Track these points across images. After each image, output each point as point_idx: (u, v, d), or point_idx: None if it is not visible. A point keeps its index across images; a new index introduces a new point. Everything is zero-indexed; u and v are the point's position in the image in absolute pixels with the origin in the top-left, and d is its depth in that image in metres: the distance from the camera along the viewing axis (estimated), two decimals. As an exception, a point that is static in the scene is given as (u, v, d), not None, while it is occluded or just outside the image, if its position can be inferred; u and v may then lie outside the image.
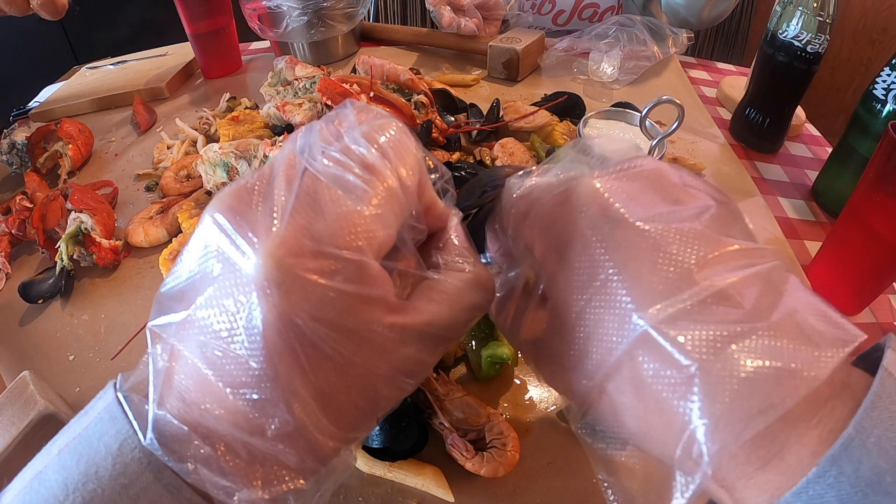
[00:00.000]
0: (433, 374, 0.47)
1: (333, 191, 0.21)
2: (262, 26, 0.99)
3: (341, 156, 0.22)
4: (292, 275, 0.19)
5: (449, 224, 0.29)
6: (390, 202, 0.22)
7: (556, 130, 0.75)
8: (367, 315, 0.21)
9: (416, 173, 0.24)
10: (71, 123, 0.82)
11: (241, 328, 0.20)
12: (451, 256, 0.27)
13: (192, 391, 0.21)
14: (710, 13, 1.04)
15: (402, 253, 0.25)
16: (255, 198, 0.21)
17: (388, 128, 0.24)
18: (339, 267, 0.20)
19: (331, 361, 0.21)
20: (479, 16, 1.03)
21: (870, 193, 0.52)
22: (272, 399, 0.20)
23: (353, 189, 0.22)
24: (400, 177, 0.23)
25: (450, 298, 0.25)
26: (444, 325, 0.24)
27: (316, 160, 0.22)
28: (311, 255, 0.20)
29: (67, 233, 0.62)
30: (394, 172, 0.23)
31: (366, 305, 0.21)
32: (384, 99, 0.65)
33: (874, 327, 0.57)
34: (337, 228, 0.21)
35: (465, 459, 0.42)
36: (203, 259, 0.21)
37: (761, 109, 0.80)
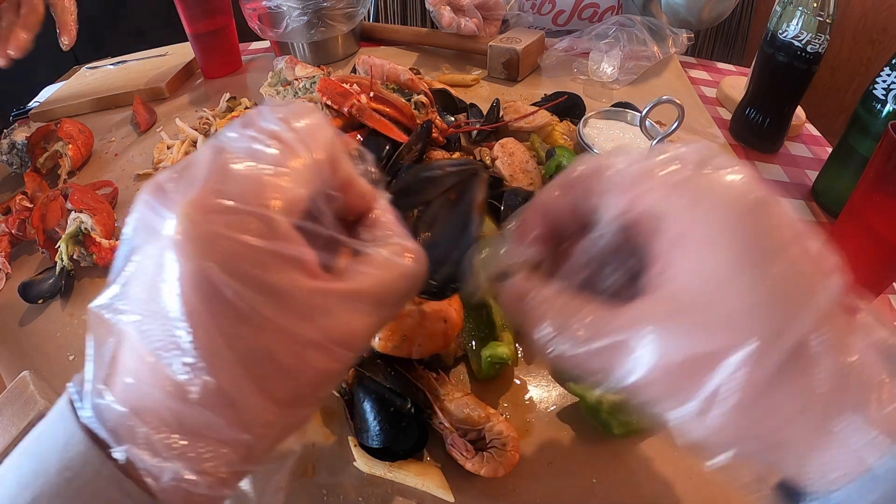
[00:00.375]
0: (433, 374, 0.47)
1: (244, 158, 0.23)
2: (262, 26, 0.99)
3: (254, 132, 0.24)
4: (202, 229, 0.21)
5: (376, 204, 0.29)
6: (298, 166, 0.24)
7: (556, 130, 0.75)
8: (283, 274, 0.22)
9: (326, 147, 0.25)
10: (71, 123, 0.82)
11: (162, 288, 0.20)
12: (379, 231, 0.28)
13: (132, 369, 0.21)
14: (710, 13, 1.04)
15: (322, 222, 0.25)
16: (177, 176, 0.23)
17: (299, 109, 0.26)
18: (247, 221, 0.21)
19: (251, 323, 0.21)
20: (479, 16, 1.03)
21: (870, 193, 0.52)
22: (195, 360, 0.20)
23: (262, 156, 0.23)
24: (309, 146, 0.24)
25: (378, 268, 0.25)
26: (375, 295, 0.25)
27: (231, 139, 0.24)
28: (220, 211, 0.21)
29: (67, 233, 0.62)
30: (302, 142, 0.24)
31: (280, 262, 0.22)
32: (384, 99, 0.65)
33: (874, 327, 0.57)
34: (244, 187, 0.22)
35: (465, 459, 0.42)
36: (133, 234, 0.23)
37: (761, 109, 0.80)
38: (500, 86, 0.97)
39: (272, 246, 0.21)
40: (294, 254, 0.22)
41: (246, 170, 0.22)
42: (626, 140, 0.67)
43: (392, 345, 0.44)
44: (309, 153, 0.24)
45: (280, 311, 0.21)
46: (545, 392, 0.50)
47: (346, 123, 0.64)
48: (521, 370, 0.52)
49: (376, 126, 0.63)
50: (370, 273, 0.25)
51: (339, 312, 0.23)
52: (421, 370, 0.47)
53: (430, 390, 0.45)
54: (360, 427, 0.43)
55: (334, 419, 0.48)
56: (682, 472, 0.44)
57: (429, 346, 0.45)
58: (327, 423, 0.48)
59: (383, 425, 0.42)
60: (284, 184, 0.23)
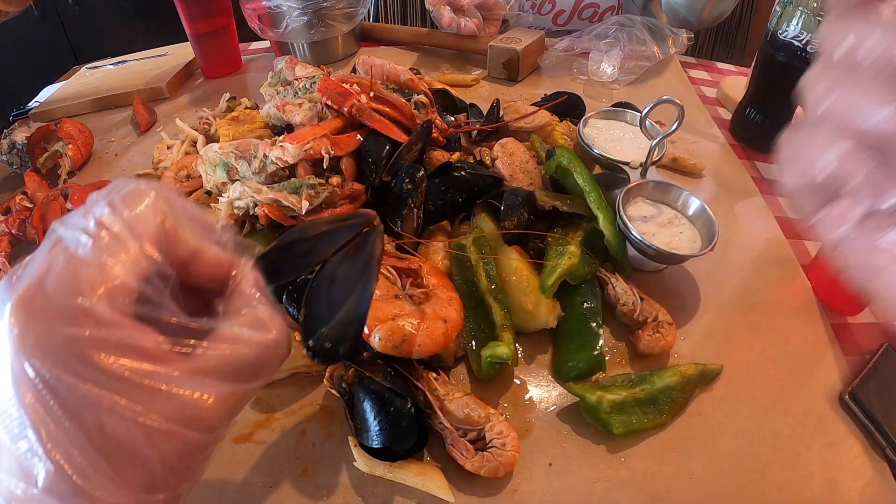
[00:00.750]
0: (433, 374, 0.47)
1: (67, 249, 0.24)
2: (262, 26, 0.99)
3: (81, 218, 0.25)
4: (28, 325, 0.22)
5: (235, 272, 0.29)
6: (123, 255, 0.24)
7: (556, 130, 0.75)
8: (113, 361, 0.22)
9: (156, 231, 0.26)
10: (71, 123, 0.82)
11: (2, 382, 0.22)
12: (235, 302, 0.28)
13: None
14: (711, 13, 1.04)
15: (161, 303, 0.26)
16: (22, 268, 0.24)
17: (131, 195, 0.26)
18: (70, 314, 0.22)
19: (88, 412, 0.22)
20: (479, 16, 1.03)
21: (870, 193, 0.52)
22: (34, 446, 0.21)
23: (89, 247, 0.24)
24: (135, 233, 0.25)
25: (225, 344, 0.26)
26: (223, 372, 0.25)
27: (65, 227, 0.25)
28: (43, 306, 0.22)
29: (67, 233, 0.62)
30: (128, 229, 0.25)
31: (108, 350, 0.22)
32: (384, 99, 0.65)
33: (874, 327, 0.57)
34: (68, 280, 0.23)
35: (465, 459, 0.42)
36: None
37: (761, 109, 0.80)
38: (500, 86, 0.97)
39: (99, 335, 0.22)
40: (123, 340, 0.23)
41: (66, 261, 0.23)
42: (626, 140, 0.67)
43: (392, 345, 0.44)
44: (135, 240, 0.25)
45: (115, 398, 0.22)
46: (545, 392, 0.50)
47: (346, 123, 0.64)
48: (521, 370, 0.52)
49: (376, 126, 0.63)
50: (216, 350, 0.25)
51: (182, 393, 0.24)
52: (421, 370, 0.47)
53: (430, 390, 0.45)
54: (360, 427, 0.43)
55: (334, 419, 0.48)
56: (682, 472, 0.45)
57: (429, 346, 0.45)
58: (327, 423, 0.48)
59: (383, 425, 0.42)
60: (110, 273, 0.23)
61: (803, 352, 0.54)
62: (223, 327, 0.26)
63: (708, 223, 0.56)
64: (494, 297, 0.52)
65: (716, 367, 0.51)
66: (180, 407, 0.23)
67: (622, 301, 0.54)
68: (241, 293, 0.29)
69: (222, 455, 0.45)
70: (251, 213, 0.57)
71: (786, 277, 0.62)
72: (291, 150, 0.58)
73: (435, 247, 0.57)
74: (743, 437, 0.47)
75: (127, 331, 0.23)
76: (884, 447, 0.46)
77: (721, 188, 0.74)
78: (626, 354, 0.53)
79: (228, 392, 0.25)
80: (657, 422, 0.47)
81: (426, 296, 0.49)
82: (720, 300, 0.58)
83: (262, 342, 0.27)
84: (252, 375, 0.27)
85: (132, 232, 0.25)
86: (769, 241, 0.66)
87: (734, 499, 0.43)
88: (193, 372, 0.24)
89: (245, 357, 0.26)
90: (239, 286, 0.29)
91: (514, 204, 0.56)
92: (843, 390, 0.50)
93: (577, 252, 0.54)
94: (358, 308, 0.35)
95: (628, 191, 0.58)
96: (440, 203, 0.59)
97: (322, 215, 0.36)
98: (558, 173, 0.62)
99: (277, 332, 0.28)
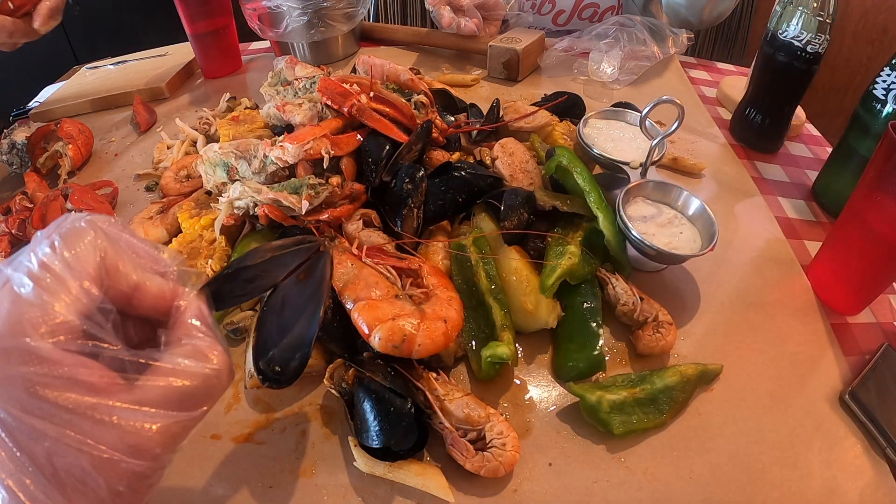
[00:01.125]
0: (433, 374, 0.47)
1: (13, 290, 0.25)
2: (262, 26, 0.99)
3: (26, 258, 0.26)
4: None
5: (178, 302, 0.31)
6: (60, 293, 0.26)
7: (556, 130, 0.75)
8: (56, 395, 0.24)
9: (94, 269, 0.27)
10: (71, 123, 0.82)
11: None
12: (177, 332, 0.30)
13: None
14: (711, 13, 1.04)
15: (104, 337, 0.27)
16: None
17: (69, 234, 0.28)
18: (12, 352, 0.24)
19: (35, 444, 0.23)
20: (479, 16, 1.03)
21: (870, 193, 0.52)
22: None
23: (27, 286, 0.25)
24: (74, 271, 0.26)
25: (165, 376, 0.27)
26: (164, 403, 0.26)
27: (12, 267, 0.26)
28: None
29: (67, 233, 0.61)
30: (68, 268, 0.26)
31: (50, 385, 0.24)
32: (384, 99, 0.65)
33: (874, 327, 0.57)
34: (9, 321, 0.24)
35: (465, 459, 0.42)
36: None
37: (761, 109, 0.80)
38: (500, 86, 0.97)
39: (44, 371, 0.24)
40: (67, 375, 0.24)
41: (16, 304, 0.25)
42: (626, 140, 0.67)
43: (392, 345, 0.44)
44: (75, 279, 0.26)
45: (62, 431, 0.24)
46: (545, 392, 0.50)
47: (346, 123, 0.64)
48: (521, 370, 0.52)
49: (376, 126, 0.63)
50: (157, 382, 0.27)
51: (125, 424, 0.25)
52: (421, 370, 0.47)
53: (430, 390, 0.45)
54: (360, 427, 0.43)
55: (334, 419, 0.48)
56: (682, 472, 0.45)
57: (429, 346, 0.45)
58: (327, 423, 0.48)
59: (383, 425, 0.42)
60: (51, 313, 0.25)
61: (803, 352, 0.54)
62: (164, 359, 0.28)
63: (708, 223, 0.56)
64: (494, 297, 0.52)
65: (716, 367, 0.51)
66: (124, 437, 0.25)
67: (622, 301, 0.54)
68: (182, 323, 0.30)
69: (222, 455, 0.45)
70: (251, 213, 0.57)
71: (786, 277, 0.62)
72: (291, 150, 0.58)
73: (435, 247, 0.57)
74: (743, 437, 0.47)
75: (71, 366, 0.25)
76: (884, 447, 0.46)
77: (721, 188, 0.74)
78: (626, 354, 0.53)
79: (171, 421, 0.27)
80: (657, 422, 0.47)
81: (426, 296, 0.49)
82: (720, 300, 0.59)
83: (201, 373, 0.28)
84: (194, 404, 0.28)
85: (72, 271, 0.26)
86: (769, 241, 0.66)
87: (734, 498, 0.43)
88: (136, 403, 0.26)
89: (185, 388, 0.27)
90: (181, 316, 0.30)
91: (514, 204, 0.56)
92: (843, 390, 0.50)
93: (577, 252, 0.54)
94: (307, 332, 0.36)
95: (628, 191, 0.58)
96: (440, 203, 0.59)
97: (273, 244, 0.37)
98: (558, 173, 0.62)
99: (218, 361, 0.29)
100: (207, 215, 0.62)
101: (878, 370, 0.52)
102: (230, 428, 0.47)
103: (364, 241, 0.55)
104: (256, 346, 0.37)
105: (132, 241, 0.31)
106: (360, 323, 0.45)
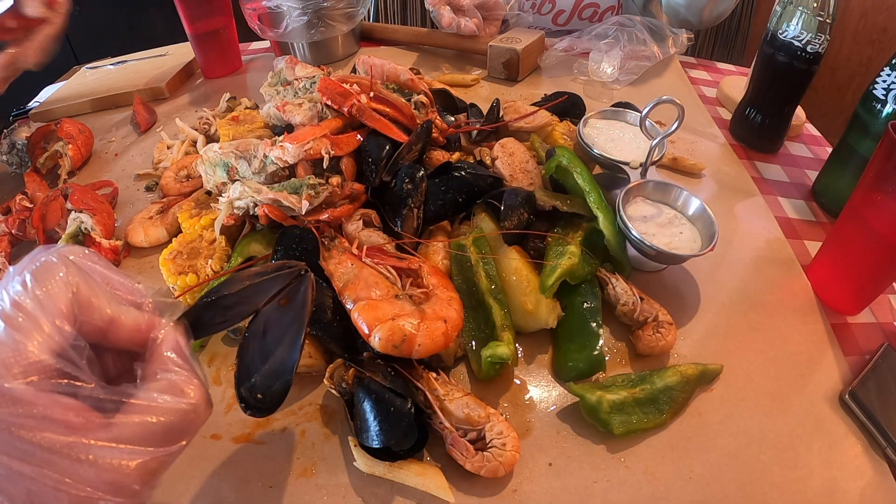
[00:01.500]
0: (433, 374, 0.47)
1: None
2: (262, 26, 0.99)
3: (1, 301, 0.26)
4: None
5: (154, 334, 0.30)
6: (33, 332, 0.25)
7: (556, 130, 0.75)
8: (33, 435, 0.24)
9: (66, 301, 0.27)
10: (71, 123, 0.82)
11: None
12: (153, 366, 0.29)
13: None
14: (711, 13, 1.04)
15: (78, 375, 0.27)
16: None
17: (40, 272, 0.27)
18: None
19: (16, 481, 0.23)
20: (479, 16, 1.03)
21: (870, 193, 0.52)
22: None
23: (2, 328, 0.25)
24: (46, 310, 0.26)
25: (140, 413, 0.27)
26: (140, 439, 0.26)
27: None
28: None
29: (67, 233, 0.62)
30: (39, 307, 0.26)
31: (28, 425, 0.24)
32: (384, 99, 0.65)
33: (874, 327, 0.57)
34: None
35: (465, 459, 0.42)
36: None
37: (761, 109, 0.80)
38: (500, 86, 0.97)
39: (19, 412, 0.24)
40: (43, 415, 0.24)
41: None
42: (626, 140, 0.67)
43: (392, 345, 0.44)
44: (47, 318, 0.26)
45: (40, 470, 0.24)
46: (545, 392, 0.50)
47: (346, 123, 0.64)
48: (521, 370, 0.52)
49: (376, 126, 0.63)
50: (132, 419, 0.27)
51: (103, 462, 0.25)
52: (421, 370, 0.47)
53: (430, 390, 0.45)
54: (360, 427, 0.43)
55: (334, 419, 0.48)
56: (683, 471, 0.45)
57: (429, 346, 0.45)
58: (327, 423, 0.48)
59: (383, 425, 0.42)
60: (24, 353, 0.25)
61: (803, 352, 0.54)
62: (139, 395, 0.27)
63: (708, 223, 0.56)
64: (494, 297, 0.52)
65: (716, 367, 0.51)
66: (102, 474, 0.25)
67: (622, 301, 0.54)
68: (158, 356, 0.30)
69: (222, 455, 0.45)
70: (251, 213, 0.57)
71: (786, 277, 0.62)
72: (291, 150, 0.58)
73: (435, 247, 0.57)
74: (743, 437, 0.47)
75: (45, 406, 0.25)
76: (884, 447, 0.46)
77: (721, 188, 0.74)
78: (626, 354, 0.53)
79: (148, 458, 0.26)
80: (657, 422, 0.47)
81: (426, 296, 0.49)
82: (720, 300, 0.59)
83: (177, 409, 0.28)
84: (172, 440, 0.28)
85: (44, 309, 0.26)
86: (769, 241, 0.66)
87: (734, 499, 0.43)
88: (113, 441, 0.26)
89: (161, 424, 0.27)
90: (158, 349, 0.30)
91: (514, 204, 0.56)
92: (843, 390, 0.50)
93: (577, 252, 0.54)
94: (288, 359, 0.36)
95: (628, 191, 0.58)
96: (440, 203, 0.59)
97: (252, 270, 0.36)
98: (558, 173, 0.62)
99: (195, 395, 0.29)
100: (207, 215, 0.62)
101: (878, 370, 0.52)
102: (230, 428, 0.47)
103: (364, 241, 0.55)
104: (238, 372, 0.36)
105: (106, 273, 0.31)
106: (360, 323, 0.45)
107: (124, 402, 0.27)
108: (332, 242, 0.54)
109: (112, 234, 0.66)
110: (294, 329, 0.37)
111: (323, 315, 0.49)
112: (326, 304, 0.49)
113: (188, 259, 0.57)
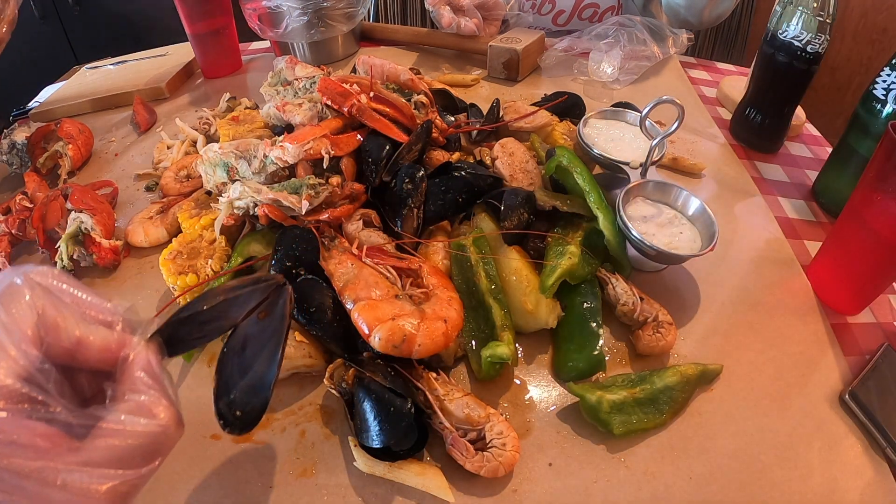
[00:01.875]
0: (433, 374, 0.47)
1: None
2: (262, 26, 0.99)
3: None
4: None
5: (125, 353, 0.30)
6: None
7: (556, 130, 0.75)
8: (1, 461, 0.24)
9: (31, 324, 0.27)
10: (71, 123, 0.82)
11: None
12: (122, 386, 0.29)
13: None
14: (711, 13, 1.04)
15: (46, 399, 0.26)
16: None
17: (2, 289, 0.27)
18: None
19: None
20: (479, 16, 1.03)
21: (870, 193, 0.52)
22: None
23: None
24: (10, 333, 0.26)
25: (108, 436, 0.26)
26: (108, 461, 0.26)
27: None
28: None
29: (67, 233, 0.62)
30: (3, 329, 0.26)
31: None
32: (384, 99, 0.65)
33: (874, 327, 0.57)
34: None
35: (465, 459, 0.42)
36: None
37: (761, 109, 0.80)
38: (500, 86, 0.97)
39: None
40: (10, 440, 0.24)
41: None
42: (626, 140, 0.67)
43: (392, 345, 0.44)
44: (12, 342, 0.26)
45: (11, 497, 0.24)
46: (545, 392, 0.50)
47: (346, 123, 0.64)
48: (521, 370, 0.52)
49: (376, 126, 0.63)
50: (101, 442, 0.26)
51: (73, 486, 0.25)
52: (421, 370, 0.47)
53: (430, 390, 0.45)
54: (360, 427, 0.43)
55: (334, 419, 0.48)
56: (682, 471, 0.45)
57: (429, 346, 0.45)
58: (327, 422, 0.48)
59: (383, 425, 0.42)
60: None
61: (803, 352, 0.54)
62: (109, 417, 0.27)
63: (708, 223, 0.56)
64: (494, 297, 0.52)
65: (716, 367, 0.51)
66: (72, 499, 0.25)
67: (622, 301, 0.54)
68: (129, 376, 0.29)
69: (222, 455, 0.45)
70: (251, 213, 0.57)
71: (786, 277, 0.62)
72: (291, 150, 0.58)
73: (435, 247, 0.57)
74: (743, 437, 0.47)
75: (13, 431, 0.24)
76: (884, 447, 0.46)
77: (721, 188, 0.74)
78: (626, 354, 0.53)
79: (118, 481, 0.26)
80: (657, 422, 0.47)
81: (426, 296, 0.49)
82: (720, 300, 0.59)
83: (146, 431, 0.28)
84: (142, 462, 0.28)
85: (8, 334, 0.26)
86: (769, 241, 0.66)
87: (734, 499, 0.43)
88: (82, 464, 0.25)
89: (131, 447, 0.27)
90: (128, 368, 0.29)
91: (514, 204, 0.56)
92: (843, 390, 0.50)
93: (577, 252, 0.54)
94: (267, 374, 0.36)
95: (628, 191, 0.58)
96: (440, 203, 0.59)
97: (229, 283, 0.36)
98: (558, 173, 0.62)
99: (165, 416, 0.28)
100: (207, 215, 0.62)
101: (878, 370, 0.52)
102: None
103: (364, 241, 0.55)
104: (217, 387, 0.36)
105: (76, 293, 0.30)
106: (360, 323, 0.45)
107: (93, 424, 0.27)
108: (332, 242, 0.54)
109: (112, 234, 0.66)
110: (273, 343, 0.36)
111: (323, 315, 0.49)
112: (326, 304, 0.49)
113: (188, 259, 0.57)
